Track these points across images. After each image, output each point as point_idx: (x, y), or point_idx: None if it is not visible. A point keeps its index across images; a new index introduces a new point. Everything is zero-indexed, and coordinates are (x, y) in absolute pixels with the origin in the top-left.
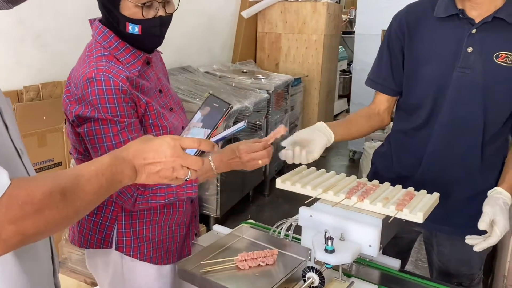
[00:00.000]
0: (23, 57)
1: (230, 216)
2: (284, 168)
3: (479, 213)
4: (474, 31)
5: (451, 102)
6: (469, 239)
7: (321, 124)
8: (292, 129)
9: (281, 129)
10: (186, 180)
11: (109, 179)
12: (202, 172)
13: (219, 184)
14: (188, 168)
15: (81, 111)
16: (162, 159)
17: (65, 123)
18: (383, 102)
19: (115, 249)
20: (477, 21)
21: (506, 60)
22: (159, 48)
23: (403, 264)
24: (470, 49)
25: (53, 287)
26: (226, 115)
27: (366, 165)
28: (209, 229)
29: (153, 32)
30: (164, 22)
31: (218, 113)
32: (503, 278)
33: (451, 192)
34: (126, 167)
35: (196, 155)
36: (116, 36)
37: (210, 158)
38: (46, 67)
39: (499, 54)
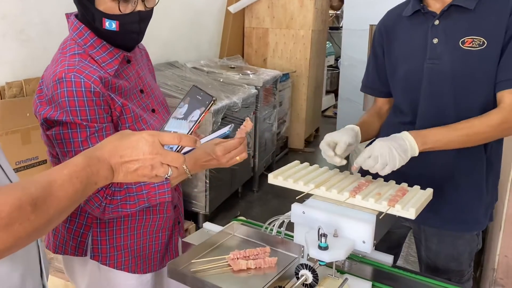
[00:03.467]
0: (5, 53)
1: (220, 213)
2: (273, 163)
3: (465, 206)
4: (436, 22)
5: (425, 95)
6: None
7: (351, 126)
8: (280, 124)
9: (248, 123)
10: (166, 177)
11: (84, 182)
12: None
13: (207, 181)
14: (168, 165)
15: (49, 114)
16: (140, 156)
17: None
18: (385, 103)
19: (91, 258)
20: (438, 13)
21: (473, 44)
22: (143, 43)
23: (394, 260)
24: (435, 40)
25: None
26: (209, 108)
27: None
28: (198, 226)
29: (132, 29)
30: (143, 18)
31: (201, 106)
32: (493, 271)
33: (437, 186)
34: (102, 168)
35: (177, 151)
36: (92, 33)
37: None
38: (29, 62)
39: (464, 40)
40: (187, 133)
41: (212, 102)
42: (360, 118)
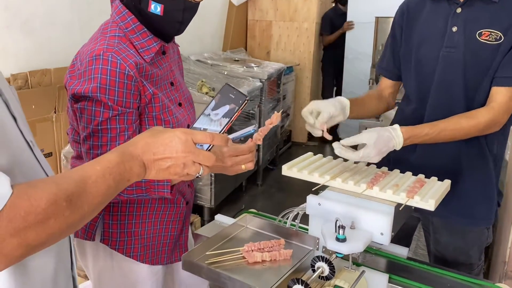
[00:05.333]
0: (10, 44)
1: (224, 206)
2: (277, 157)
3: (472, 200)
4: (458, 10)
5: (438, 83)
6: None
7: (340, 98)
8: (284, 118)
9: (275, 118)
10: (197, 176)
11: (117, 178)
12: (205, 173)
13: (213, 175)
14: (200, 164)
15: (77, 88)
16: (173, 154)
17: (55, 112)
18: (388, 86)
19: (100, 241)
20: (462, 0)
21: (489, 38)
22: (177, 41)
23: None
24: (454, 28)
25: (71, 281)
26: (242, 107)
27: None
28: (203, 219)
29: (175, 16)
30: (188, 8)
31: (234, 104)
32: (504, 264)
33: (445, 177)
34: (135, 164)
35: (209, 149)
36: (135, 18)
37: None
38: (34, 54)
39: (482, 32)
40: (220, 132)
41: (246, 101)
42: (359, 96)
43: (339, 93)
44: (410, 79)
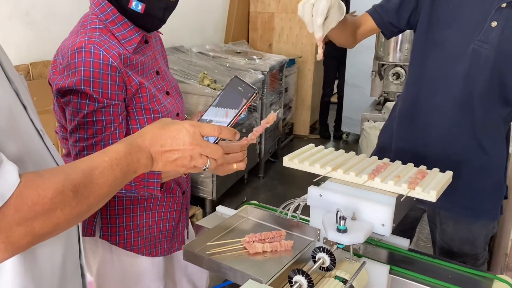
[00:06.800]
0: (11, 35)
1: (226, 198)
2: (279, 150)
3: (479, 193)
4: (503, 5)
5: (461, 75)
6: None
7: None
8: (286, 111)
9: (272, 117)
10: (205, 169)
11: (124, 169)
12: (169, 174)
13: None
14: (207, 157)
15: (61, 82)
16: (181, 146)
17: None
18: (368, 29)
19: (100, 237)
20: None
21: None
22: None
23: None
24: (494, 24)
25: (79, 269)
26: (251, 101)
27: (365, 145)
28: (205, 211)
29: (156, 14)
30: (169, 7)
31: (242, 97)
32: (505, 256)
33: (453, 169)
34: (142, 156)
35: (216, 142)
36: (114, 9)
37: None
38: (35, 45)
39: None
40: (227, 125)
41: (255, 94)
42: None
43: (341, 86)
44: (423, 64)
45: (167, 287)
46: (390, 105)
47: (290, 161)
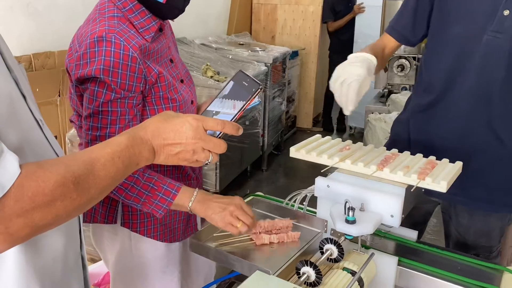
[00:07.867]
0: (13, 26)
1: (229, 191)
2: (282, 142)
3: (496, 186)
4: None
5: (476, 67)
6: None
7: (365, 55)
8: (289, 103)
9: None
10: (207, 163)
11: (125, 162)
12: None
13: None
14: (209, 151)
15: (80, 71)
16: (183, 140)
17: (59, 96)
18: (393, 47)
19: (121, 225)
20: None
21: None
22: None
23: (419, 236)
24: (506, 12)
25: (80, 260)
26: (255, 95)
27: (371, 138)
28: None
29: (177, 5)
30: None
31: (247, 92)
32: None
33: (470, 161)
34: (144, 149)
35: (219, 137)
36: None
37: None
38: (37, 36)
39: None
40: (231, 119)
41: (259, 89)
42: (365, 48)
43: None
44: (437, 58)
45: (183, 271)
46: (394, 97)
47: (297, 151)
